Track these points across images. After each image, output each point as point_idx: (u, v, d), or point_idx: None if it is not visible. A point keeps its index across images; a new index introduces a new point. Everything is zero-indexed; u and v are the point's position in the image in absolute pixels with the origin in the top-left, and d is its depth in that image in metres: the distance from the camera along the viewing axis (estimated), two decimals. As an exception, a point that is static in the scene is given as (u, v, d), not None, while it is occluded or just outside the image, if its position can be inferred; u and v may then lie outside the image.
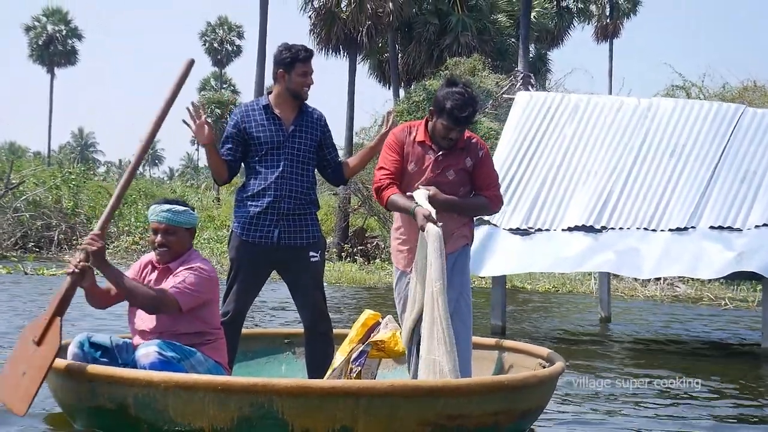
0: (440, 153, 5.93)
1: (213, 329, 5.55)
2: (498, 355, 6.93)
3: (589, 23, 48.48)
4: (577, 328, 13.58)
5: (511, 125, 12.72)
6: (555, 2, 40.51)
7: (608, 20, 49.36)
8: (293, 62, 6.09)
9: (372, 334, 6.05)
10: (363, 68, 37.61)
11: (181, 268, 5.44)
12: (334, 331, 6.49)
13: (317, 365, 6.25)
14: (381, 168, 6.01)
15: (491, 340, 7.38)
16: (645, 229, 11.07)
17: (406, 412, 4.96)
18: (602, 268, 11.39)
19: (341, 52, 33.03)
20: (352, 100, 32.33)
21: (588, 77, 69.87)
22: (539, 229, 11.53)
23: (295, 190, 6.11)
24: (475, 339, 6.50)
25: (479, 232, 11.57)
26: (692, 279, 20.58)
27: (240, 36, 77.39)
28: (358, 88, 34.63)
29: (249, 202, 6.11)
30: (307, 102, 6.35)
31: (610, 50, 50.53)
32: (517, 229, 11.60)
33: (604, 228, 11.23)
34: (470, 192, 6.05)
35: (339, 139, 39.70)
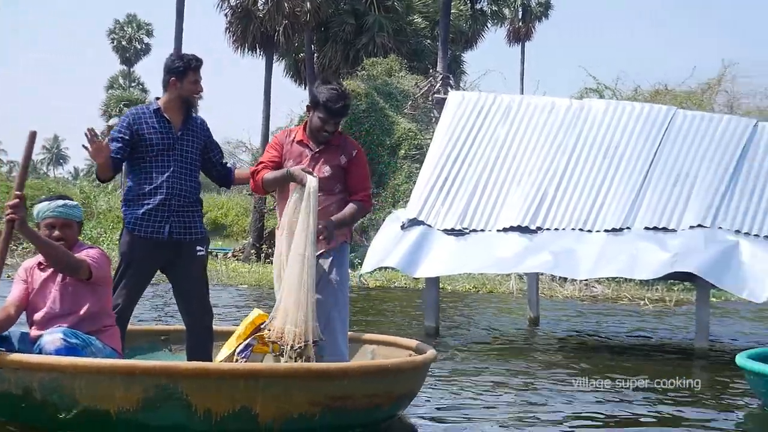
0: (316, 150, 6.32)
1: (109, 314, 5.93)
2: (370, 348, 7.27)
3: (502, 26, 48.99)
4: (508, 328, 13.58)
5: (443, 125, 12.64)
6: (470, 4, 40.77)
7: (521, 23, 49.92)
8: (185, 71, 6.44)
9: (257, 333, 6.42)
10: (279, 67, 37.37)
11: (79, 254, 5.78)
12: (223, 328, 7.05)
13: (200, 359, 6.32)
14: (259, 163, 6.46)
15: (364, 335, 7.67)
16: (580, 230, 11.11)
17: (300, 393, 5.35)
18: (539, 269, 11.40)
19: (257, 50, 32.72)
20: (269, 99, 32.06)
21: (502, 79, 71.06)
22: (474, 230, 11.49)
23: (185, 189, 6.45)
24: (350, 333, 6.80)
25: (413, 233, 11.51)
26: (608, 279, 20.85)
27: (149, 34, 76.22)
28: (275, 87, 34.35)
29: (141, 200, 6.38)
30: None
31: (522, 53, 51.12)
32: (452, 229, 11.53)
33: (539, 229, 11.24)
34: (344, 189, 6.37)
35: (255, 137, 39.33)
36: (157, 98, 6.60)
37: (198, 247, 6.50)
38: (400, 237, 11.58)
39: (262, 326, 6.39)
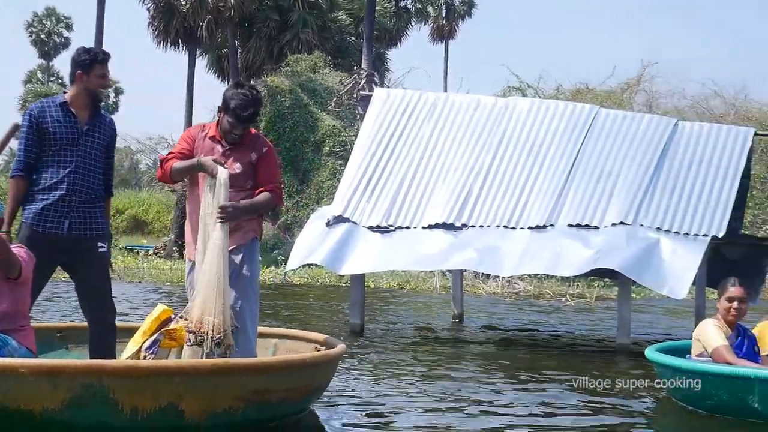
0: (228, 147, 6.41)
1: (25, 315, 5.85)
2: (272, 342, 7.33)
3: (426, 24, 49.15)
4: (433, 325, 13.64)
5: (368, 122, 12.60)
6: (394, 2, 40.83)
7: (444, 21, 50.14)
8: (92, 64, 6.35)
9: (163, 328, 6.45)
10: (202, 63, 37.01)
11: None
12: (128, 324, 7.11)
13: (103, 357, 6.25)
14: (169, 153, 6.55)
15: (272, 329, 7.73)
16: (505, 227, 11.17)
17: (226, 389, 5.42)
18: (464, 265, 11.45)
19: (180, 45, 32.36)
20: (191, 95, 31.77)
21: (426, 77, 71.30)
22: (399, 227, 11.49)
23: (87, 185, 6.35)
24: (259, 328, 6.83)
25: (339, 230, 11.47)
26: (530, 276, 21.06)
27: (69, 28, 74.75)
28: (197, 83, 34.04)
29: (40, 195, 6.26)
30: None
31: (446, 51, 51.39)
32: (378, 226, 11.52)
33: (464, 226, 11.29)
34: (255, 185, 6.43)
35: (177, 133, 38.84)
36: (65, 92, 6.52)
37: (100, 243, 6.43)
38: (326, 234, 11.53)
39: (174, 317, 6.45)
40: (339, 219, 11.64)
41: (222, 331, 5.89)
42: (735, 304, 7.18)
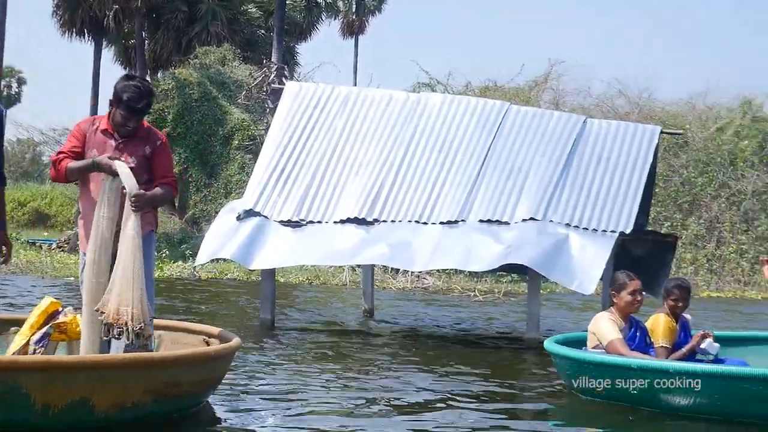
0: (121, 141, 6.35)
1: None
2: (161, 333, 7.23)
3: (336, 18, 48.99)
4: (343, 320, 13.60)
5: (280, 116, 12.49)
6: (305, -5, 40.62)
7: (354, 16, 50.06)
8: None
9: (52, 321, 6.40)
10: (109, 54, 36.32)
11: None
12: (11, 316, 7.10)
13: None
14: (59, 152, 6.40)
15: (161, 321, 7.63)
16: (416, 222, 11.19)
17: (137, 382, 5.50)
18: (376, 261, 11.42)
19: (86, 36, 31.69)
20: (97, 86, 31.15)
21: (336, 71, 71.05)
22: (311, 222, 11.42)
23: None
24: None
25: (249, 224, 11.35)
26: (439, 271, 21.18)
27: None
28: (103, 74, 33.35)
29: None
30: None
31: (356, 46, 51.29)
32: (289, 221, 11.43)
33: (376, 221, 11.27)
34: (150, 179, 6.38)
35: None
36: None
37: None
38: (236, 228, 11.40)
39: (62, 310, 6.45)
40: (250, 213, 11.52)
41: (141, 321, 5.85)
42: (638, 296, 7.50)
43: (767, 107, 30.82)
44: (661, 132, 12.45)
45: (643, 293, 7.68)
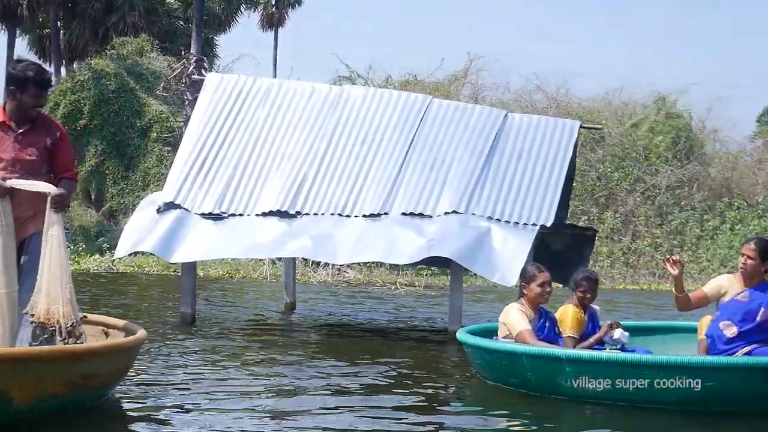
0: (20, 132, 6.26)
1: None
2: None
3: (255, 10, 48.59)
4: (265, 313, 13.52)
5: (201, 107, 12.33)
6: (224, -13, 40.21)
7: (274, 9, 49.68)
8: None
9: None
10: (22, 43, 35.53)
11: None
12: None
13: None
14: None
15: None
16: (339, 215, 11.16)
17: (57, 375, 5.53)
18: (298, 253, 11.37)
19: (-1, 24, 30.97)
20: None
21: (255, 64, 70.51)
22: (233, 214, 11.32)
23: None
24: None
25: (170, 217, 11.21)
26: (360, 264, 21.19)
27: None
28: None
29: None
30: None
31: (276, 38, 50.92)
32: (210, 213, 11.31)
33: (298, 213, 11.21)
34: (50, 170, 6.36)
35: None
36: None
37: None
38: (156, 221, 11.25)
39: None
40: (170, 206, 11.38)
41: (72, 318, 5.88)
42: (547, 288, 7.82)
43: (681, 103, 31.48)
44: (581, 127, 12.60)
45: (552, 285, 7.97)
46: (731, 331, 7.40)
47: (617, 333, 7.79)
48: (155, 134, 26.71)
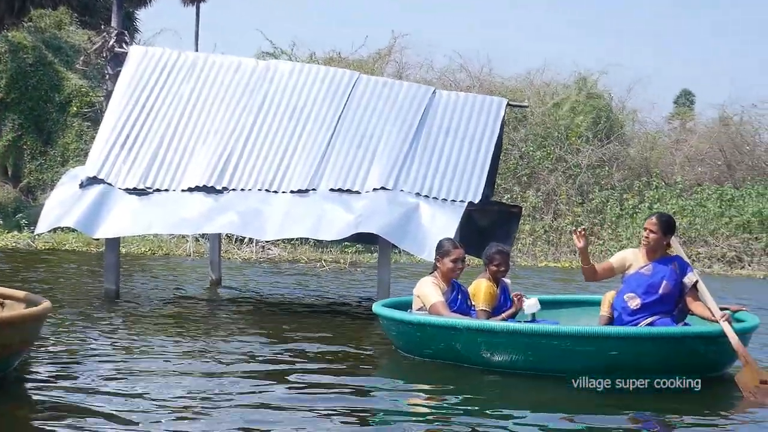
0: None
1: None
2: None
3: (177, -16, 47.84)
4: (191, 290, 13.37)
5: (124, 81, 12.11)
6: (144, -40, 39.41)
7: (195, -17, 48.94)
8: None
9: None
10: (-67, 14, 34.45)
11: None
12: None
13: None
14: None
15: None
16: (267, 190, 11.08)
17: None
18: (226, 229, 11.23)
19: None
20: None
21: (177, 39, 69.44)
22: (158, 190, 11.16)
23: None
24: None
25: (93, 192, 11.03)
26: (284, 241, 21.10)
27: None
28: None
29: None
30: None
31: (197, 14, 50.18)
32: (134, 188, 11.14)
33: (225, 189, 11.10)
34: None
35: None
36: None
37: None
38: (79, 196, 11.05)
39: None
40: (93, 180, 11.19)
41: None
42: (459, 264, 8.07)
43: (601, 84, 31.90)
44: (507, 105, 12.66)
45: (465, 261, 8.21)
46: (635, 303, 7.75)
47: (528, 304, 8.01)
48: (75, 109, 26.19)
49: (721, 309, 7.59)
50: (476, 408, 6.27)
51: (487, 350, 7.38)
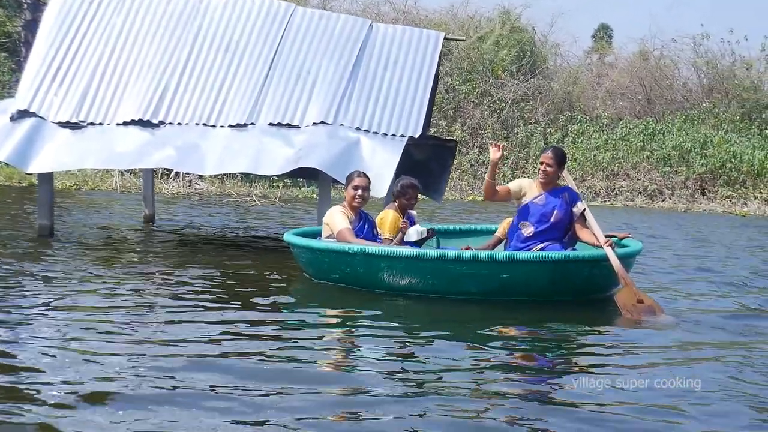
0: None
1: None
2: None
3: None
4: (124, 226, 13.19)
5: (53, 10, 11.75)
6: None
7: None
8: None
9: None
10: None
11: None
12: None
13: None
14: None
15: None
16: (204, 125, 10.91)
17: None
18: (163, 164, 11.00)
19: None
20: None
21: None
22: (92, 123, 10.92)
23: None
24: None
25: (24, 125, 10.77)
26: (212, 177, 20.93)
27: None
28: None
29: None
30: None
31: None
32: (67, 122, 10.89)
33: (161, 123, 10.91)
34: None
35: None
36: None
37: None
38: (10, 129, 10.77)
39: None
40: (24, 113, 10.91)
41: None
42: (359, 191, 8.42)
43: (524, 18, 32.02)
44: (445, 38, 12.62)
45: (368, 191, 8.55)
46: (528, 230, 8.35)
47: (409, 232, 8.35)
48: (-9, 39, 25.47)
49: (608, 236, 8.20)
50: (379, 326, 6.55)
51: (389, 274, 7.74)
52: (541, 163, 8.37)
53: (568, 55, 34.21)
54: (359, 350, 5.92)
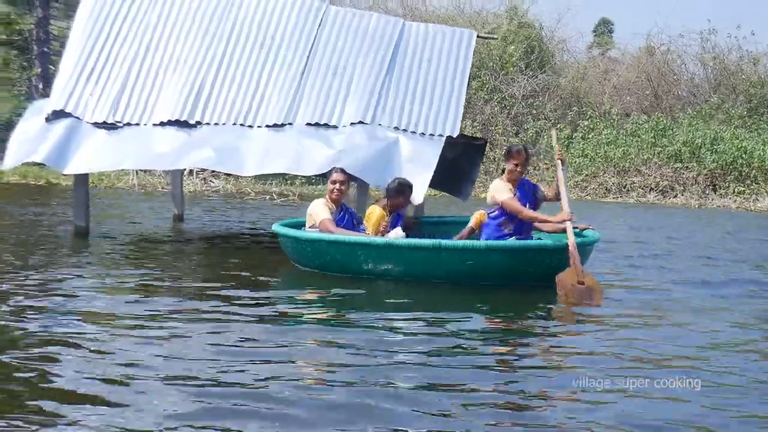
0: None
1: None
2: None
3: None
4: (156, 226, 13.10)
5: (85, 9, 11.64)
6: None
7: None
8: None
9: None
10: None
11: None
12: None
13: None
14: None
15: None
16: (242, 125, 10.85)
17: None
18: (202, 164, 10.92)
19: None
20: None
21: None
22: (128, 123, 10.86)
23: None
24: None
25: (60, 126, 10.71)
26: (227, 175, 20.89)
27: None
28: None
29: None
30: None
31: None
32: (103, 122, 10.83)
33: (198, 123, 10.86)
34: None
35: None
36: None
37: None
38: (46, 130, 10.69)
39: None
40: (59, 114, 10.84)
41: None
42: (337, 185, 9.03)
43: (531, 13, 31.99)
44: (477, 37, 12.59)
45: (346, 185, 9.13)
46: (509, 228, 8.82)
47: (392, 235, 8.78)
48: (3, 36, 25.33)
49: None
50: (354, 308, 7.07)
51: (365, 261, 8.36)
52: (516, 164, 8.80)
53: (576, 51, 34.24)
54: (333, 334, 6.17)
